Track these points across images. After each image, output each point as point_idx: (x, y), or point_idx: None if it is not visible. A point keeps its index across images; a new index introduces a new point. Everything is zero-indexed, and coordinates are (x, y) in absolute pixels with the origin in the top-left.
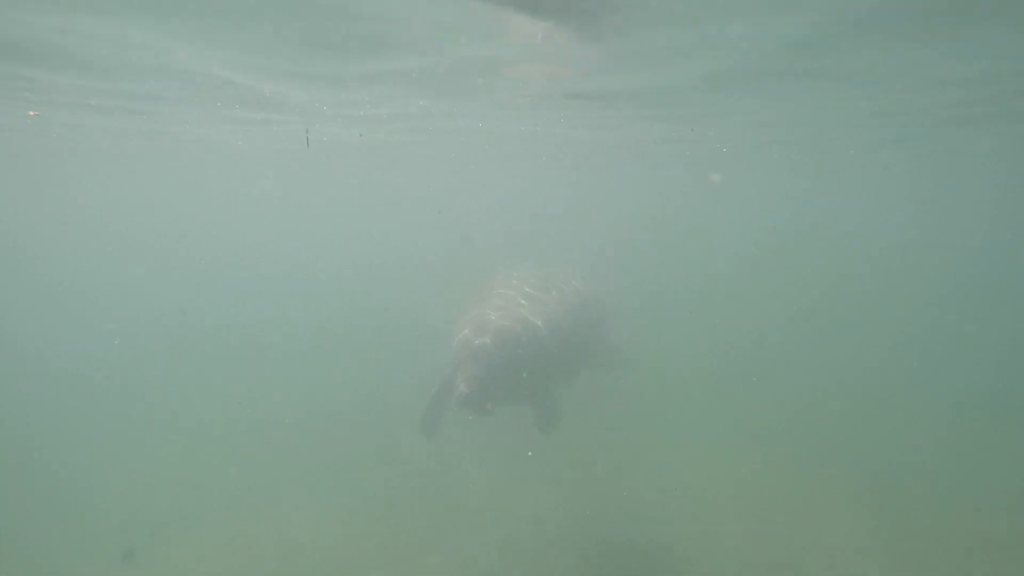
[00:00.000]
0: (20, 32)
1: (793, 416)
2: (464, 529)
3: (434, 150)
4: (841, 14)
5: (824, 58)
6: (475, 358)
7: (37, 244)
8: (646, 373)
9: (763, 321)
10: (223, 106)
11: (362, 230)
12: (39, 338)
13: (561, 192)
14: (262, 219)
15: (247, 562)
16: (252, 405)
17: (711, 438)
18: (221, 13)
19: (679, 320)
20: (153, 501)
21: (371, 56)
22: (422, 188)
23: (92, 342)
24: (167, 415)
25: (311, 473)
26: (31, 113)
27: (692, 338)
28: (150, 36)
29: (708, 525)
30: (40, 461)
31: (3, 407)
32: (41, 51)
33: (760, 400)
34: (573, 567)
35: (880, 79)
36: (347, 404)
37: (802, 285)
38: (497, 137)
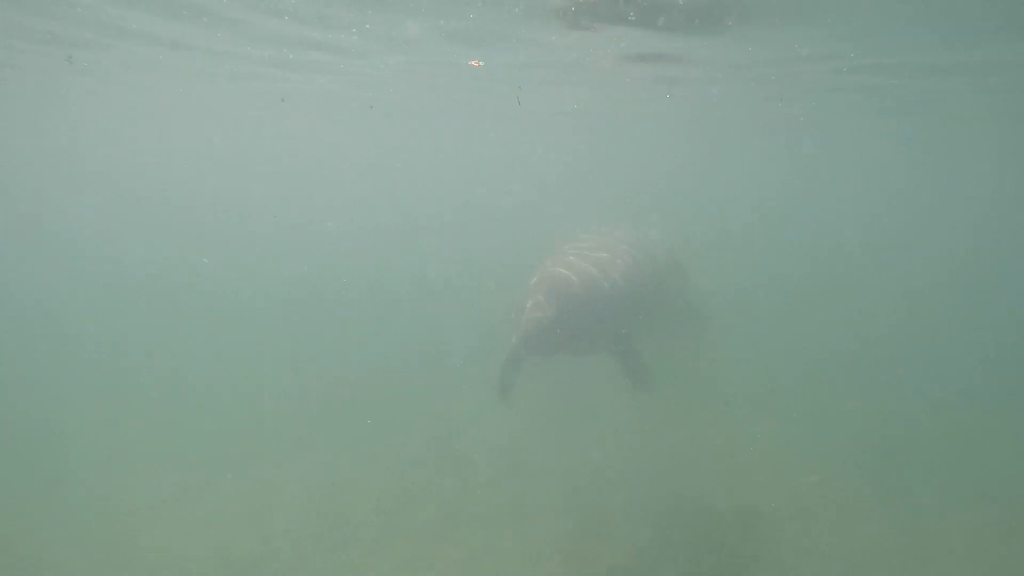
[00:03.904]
0: None
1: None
2: (516, 475)
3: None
4: None
5: None
6: (540, 301)
7: (40, 206)
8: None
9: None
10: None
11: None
12: (41, 306)
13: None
14: (301, 178)
15: (288, 508)
16: (294, 363)
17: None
18: None
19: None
20: (198, 447)
21: None
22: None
23: (101, 311)
24: (210, 374)
25: (354, 424)
26: (474, 63)
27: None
28: None
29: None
30: (51, 427)
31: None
32: None
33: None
34: (627, 513)
35: None
36: (391, 360)
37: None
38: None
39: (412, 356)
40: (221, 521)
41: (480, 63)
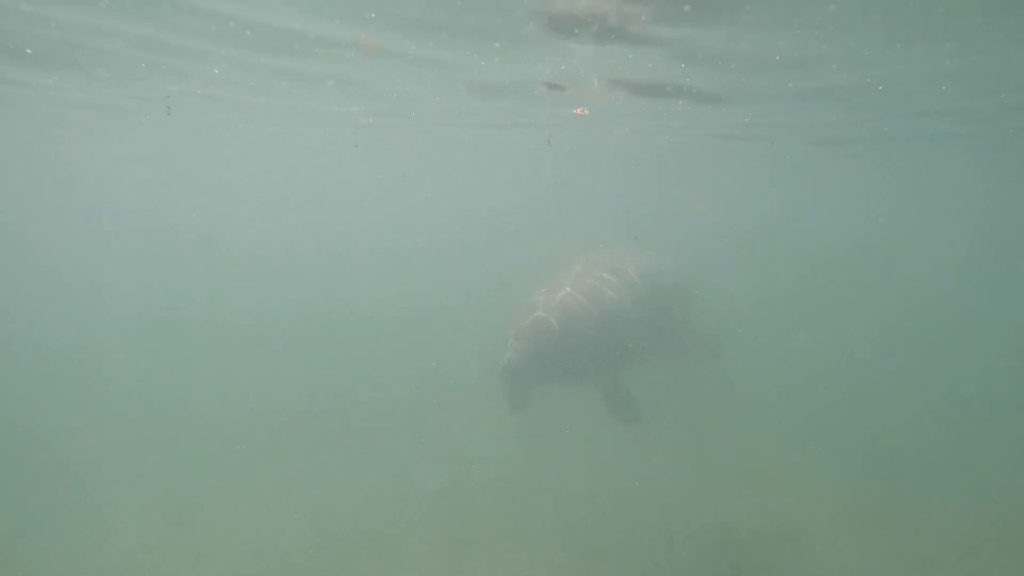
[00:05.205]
0: None
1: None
2: (516, 501)
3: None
4: None
5: None
6: (519, 334)
7: (33, 230)
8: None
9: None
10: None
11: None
12: (36, 326)
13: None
14: (284, 206)
15: (285, 538)
16: (290, 390)
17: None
18: None
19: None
20: (193, 476)
21: None
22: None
23: (94, 332)
24: (205, 400)
25: (351, 452)
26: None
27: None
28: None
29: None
30: (42, 450)
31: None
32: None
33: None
34: (626, 537)
35: None
36: (388, 387)
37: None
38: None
39: (409, 382)
40: (217, 551)
41: (585, 111)
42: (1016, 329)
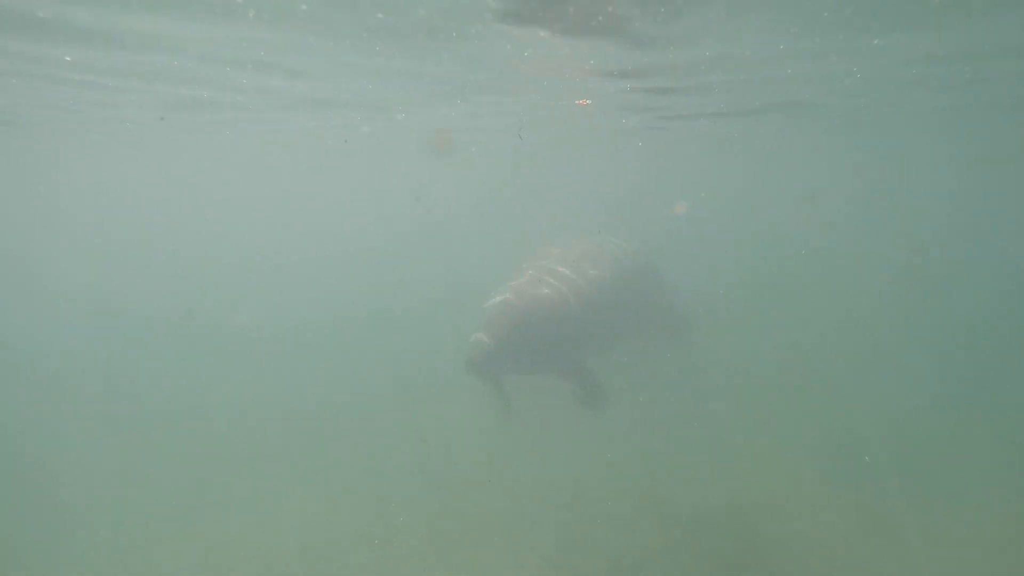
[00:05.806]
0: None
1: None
2: (500, 493)
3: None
4: None
5: None
6: (484, 327)
7: (25, 238)
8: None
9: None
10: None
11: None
12: (30, 336)
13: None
14: (258, 212)
15: (272, 546)
16: (269, 397)
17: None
18: None
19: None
20: (176, 486)
21: None
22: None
23: (86, 340)
24: (187, 409)
25: (332, 456)
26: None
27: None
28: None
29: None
30: (32, 460)
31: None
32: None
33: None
34: (611, 523)
35: None
36: (365, 388)
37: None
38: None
39: (387, 382)
40: (204, 559)
41: (588, 102)
42: (998, 317)
